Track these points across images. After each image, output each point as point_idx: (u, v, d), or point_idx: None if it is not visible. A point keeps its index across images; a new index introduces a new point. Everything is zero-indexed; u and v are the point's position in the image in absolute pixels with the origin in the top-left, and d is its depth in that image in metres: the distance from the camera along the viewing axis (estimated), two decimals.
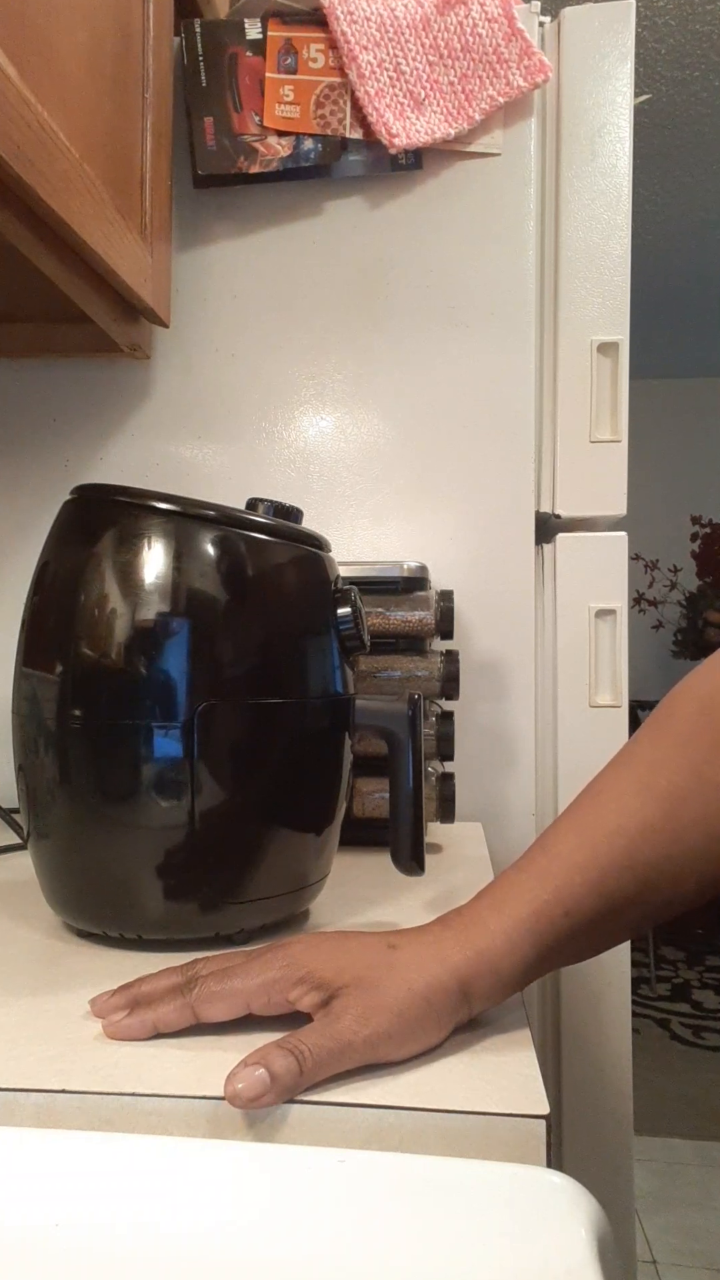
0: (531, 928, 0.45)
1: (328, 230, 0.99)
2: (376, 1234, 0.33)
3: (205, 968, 0.46)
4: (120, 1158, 0.36)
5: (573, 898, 0.46)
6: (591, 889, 0.46)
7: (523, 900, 0.46)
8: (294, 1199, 0.34)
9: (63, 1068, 0.41)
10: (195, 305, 1.01)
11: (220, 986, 0.44)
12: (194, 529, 0.54)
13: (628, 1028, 0.96)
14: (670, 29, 2.20)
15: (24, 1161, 0.36)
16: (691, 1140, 2.18)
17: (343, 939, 0.46)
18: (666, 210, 3.01)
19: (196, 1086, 0.39)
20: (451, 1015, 0.44)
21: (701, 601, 3.90)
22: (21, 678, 0.56)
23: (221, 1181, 0.35)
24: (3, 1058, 0.42)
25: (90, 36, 0.74)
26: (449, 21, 0.93)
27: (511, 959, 0.45)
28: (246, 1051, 0.40)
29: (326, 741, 0.59)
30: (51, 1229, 0.33)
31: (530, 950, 0.45)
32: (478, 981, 0.44)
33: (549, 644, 0.99)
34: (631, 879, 0.46)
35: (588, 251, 0.98)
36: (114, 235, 0.78)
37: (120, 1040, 0.44)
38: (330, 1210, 0.34)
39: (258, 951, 0.46)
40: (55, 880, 0.57)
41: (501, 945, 0.45)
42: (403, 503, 0.99)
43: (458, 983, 0.44)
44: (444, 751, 0.83)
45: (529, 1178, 0.35)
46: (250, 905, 0.56)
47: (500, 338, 0.98)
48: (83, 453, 1.02)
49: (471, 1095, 0.39)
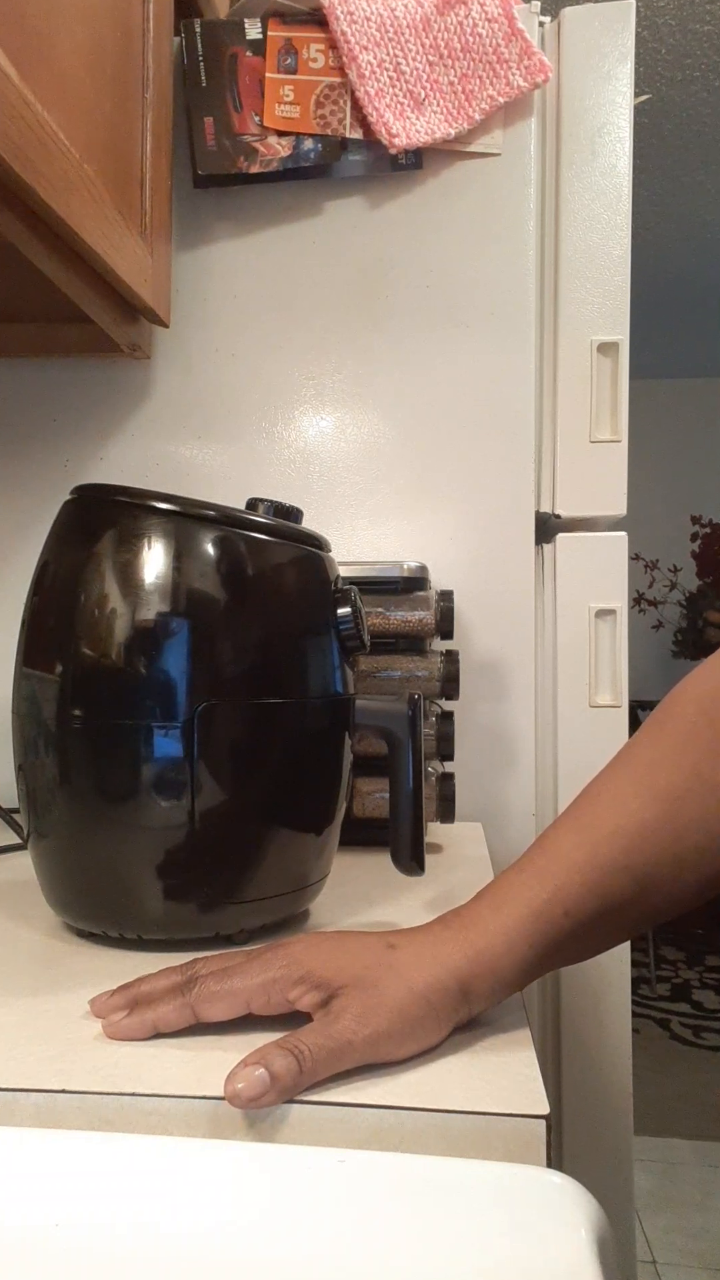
0: (531, 928, 0.45)
1: (328, 230, 0.99)
2: (376, 1234, 0.33)
3: (205, 967, 0.46)
4: (120, 1158, 0.36)
5: (572, 898, 0.46)
6: (591, 889, 0.46)
7: (522, 900, 0.46)
8: (294, 1199, 0.34)
9: (63, 1068, 0.41)
10: (195, 305, 1.01)
11: (220, 986, 0.44)
12: (194, 529, 0.54)
13: (628, 1028, 0.96)
14: (670, 29, 2.20)
15: (24, 1161, 0.36)
16: (691, 1140, 2.18)
17: (342, 939, 0.46)
18: (666, 210, 3.01)
19: (196, 1086, 0.39)
20: (451, 1015, 0.44)
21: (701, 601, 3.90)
22: (21, 678, 0.56)
23: (221, 1181, 0.35)
24: (3, 1058, 0.42)
25: (90, 36, 0.74)
26: (449, 21, 0.93)
27: (511, 959, 0.45)
28: (246, 1051, 0.40)
29: (326, 741, 0.59)
30: (51, 1229, 0.33)
31: (529, 950, 0.45)
32: (477, 982, 0.44)
33: (549, 644, 0.99)
34: (630, 879, 0.47)
35: (588, 251, 0.98)
36: (114, 235, 0.78)
37: (120, 1040, 0.44)
38: (330, 1210, 0.34)
39: (257, 951, 0.46)
40: (55, 880, 0.57)
41: (501, 945, 0.45)
42: (403, 503, 0.99)
43: (457, 983, 0.44)
44: (444, 751, 0.83)
45: (529, 1178, 0.35)
46: (250, 905, 0.56)
47: (500, 338, 0.98)
48: (83, 453, 1.02)
49: (471, 1095, 0.39)
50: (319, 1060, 0.40)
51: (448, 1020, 0.44)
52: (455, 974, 0.44)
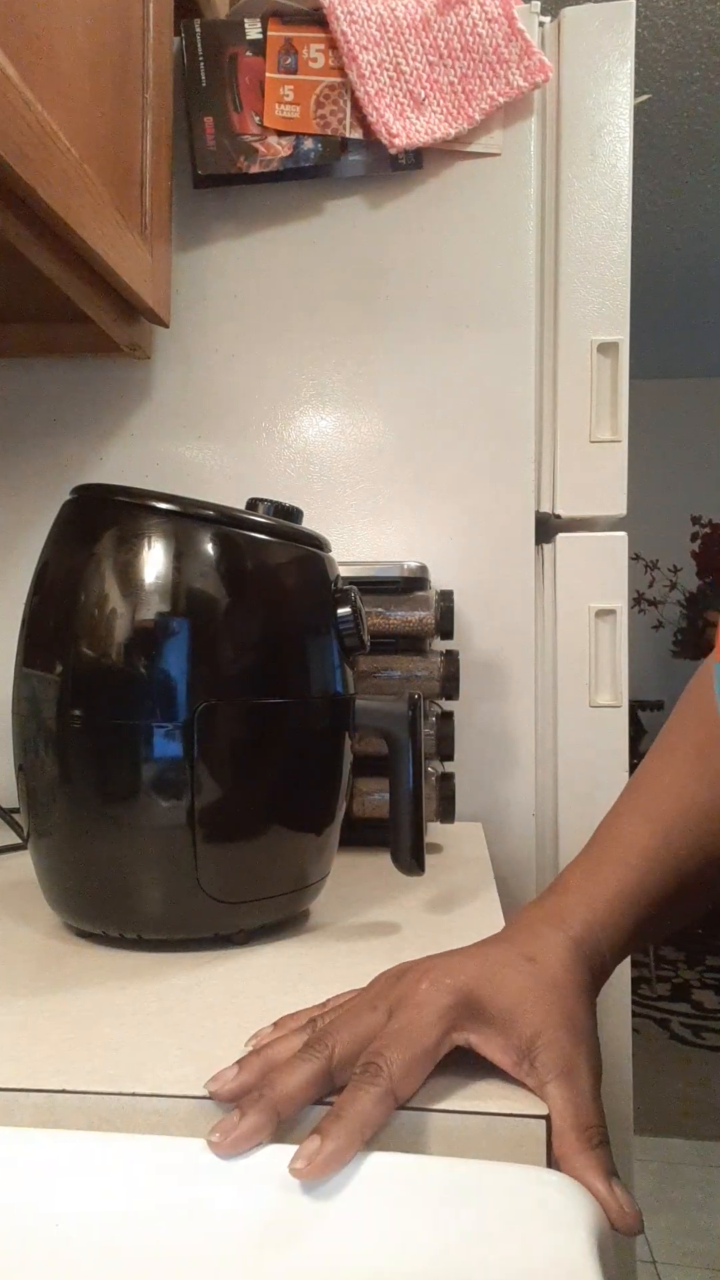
0: (630, 910, 0.47)
1: (328, 230, 0.99)
2: (377, 1234, 0.33)
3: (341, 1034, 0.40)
4: (120, 1158, 0.36)
5: (654, 884, 0.48)
6: (670, 873, 0.48)
7: (621, 909, 0.47)
8: (294, 1199, 0.34)
9: (63, 1068, 0.41)
10: (195, 305, 1.01)
11: (406, 1055, 0.38)
12: (194, 529, 0.54)
13: (628, 1028, 0.96)
14: (670, 29, 2.20)
15: (24, 1161, 0.36)
16: (691, 1140, 2.18)
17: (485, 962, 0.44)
18: (666, 210, 3.01)
19: (196, 1086, 0.39)
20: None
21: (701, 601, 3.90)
22: (21, 678, 0.56)
23: (222, 1181, 0.35)
24: (3, 1058, 0.42)
25: (90, 36, 0.74)
26: (449, 21, 0.93)
27: (612, 958, 0.47)
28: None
29: (326, 741, 0.59)
30: (51, 1229, 0.33)
31: (615, 954, 0.47)
32: (596, 984, 0.46)
33: (549, 644, 0.99)
34: (705, 860, 0.49)
35: (588, 251, 0.98)
36: (114, 235, 0.78)
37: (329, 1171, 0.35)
38: (330, 1210, 0.34)
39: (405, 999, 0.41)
40: (55, 880, 0.57)
41: (610, 955, 0.47)
42: (403, 503, 0.99)
43: (595, 988, 0.45)
44: (444, 751, 0.83)
45: (529, 1178, 0.35)
46: (250, 905, 0.56)
47: (500, 338, 0.98)
48: (83, 453, 1.02)
49: (471, 1095, 0.39)
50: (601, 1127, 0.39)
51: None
52: (592, 982, 0.45)
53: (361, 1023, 0.40)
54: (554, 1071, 0.39)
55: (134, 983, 0.51)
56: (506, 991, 0.41)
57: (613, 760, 0.97)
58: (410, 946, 0.56)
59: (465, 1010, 0.40)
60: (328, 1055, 0.39)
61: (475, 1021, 0.40)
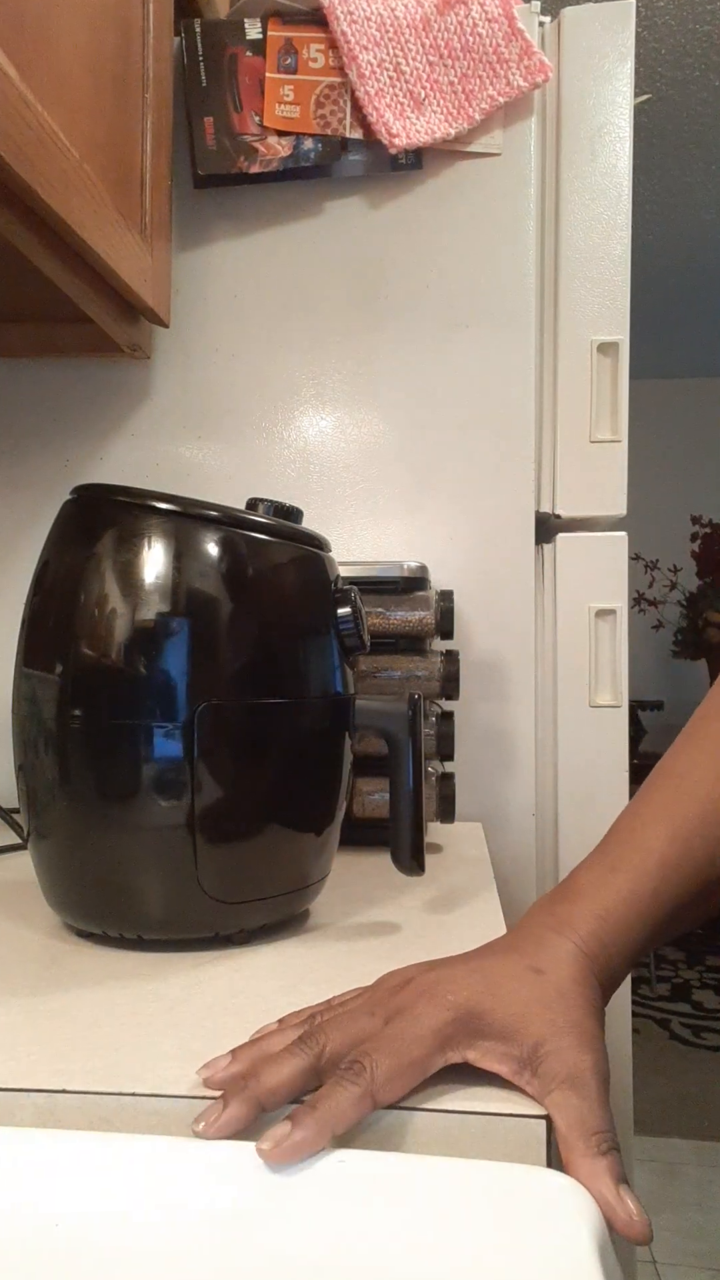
0: (643, 914, 0.46)
1: (328, 230, 0.99)
2: (377, 1234, 0.33)
3: (339, 1034, 0.40)
4: (120, 1158, 0.36)
5: (671, 889, 0.47)
6: (688, 880, 0.47)
7: (634, 914, 0.47)
8: (294, 1199, 0.34)
9: (62, 1068, 0.41)
10: (195, 305, 1.01)
11: (395, 1061, 0.38)
12: (194, 529, 0.54)
13: (628, 1028, 0.96)
14: (670, 29, 2.20)
15: (24, 1161, 0.36)
16: (691, 1140, 2.18)
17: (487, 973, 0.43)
18: (666, 210, 3.01)
19: (197, 1086, 0.39)
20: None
21: (701, 601, 3.89)
22: (21, 678, 0.56)
23: (222, 1181, 0.35)
24: (3, 1058, 0.42)
25: (90, 36, 0.74)
26: (449, 21, 0.93)
27: (622, 968, 0.46)
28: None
29: (326, 741, 0.59)
30: (51, 1228, 0.33)
31: (626, 964, 0.46)
32: (606, 994, 0.45)
33: (549, 644, 0.99)
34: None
35: (588, 251, 0.98)
36: (114, 235, 0.78)
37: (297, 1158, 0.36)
38: (330, 1210, 0.34)
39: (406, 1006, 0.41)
40: (55, 880, 0.57)
41: (620, 966, 0.46)
42: (403, 503, 0.99)
43: (603, 1000, 0.44)
44: (444, 751, 0.83)
45: (529, 1178, 0.35)
46: (250, 905, 0.56)
47: (500, 338, 0.98)
48: (83, 453, 1.02)
49: (471, 1095, 0.39)
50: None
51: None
52: (600, 994, 0.44)
53: (356, 1025, 0.40)
54: (559, 1078, 0.38)
55: (134, 983, 0.51)
56: (510, 1005, 0.41)
57: (613, 760, 0.97)
58: (410, 946, 0.56)
59: (464, 1027, 0.40)
60: (317, 1052, 0.39)
61: (474, 1037, 0.40)
